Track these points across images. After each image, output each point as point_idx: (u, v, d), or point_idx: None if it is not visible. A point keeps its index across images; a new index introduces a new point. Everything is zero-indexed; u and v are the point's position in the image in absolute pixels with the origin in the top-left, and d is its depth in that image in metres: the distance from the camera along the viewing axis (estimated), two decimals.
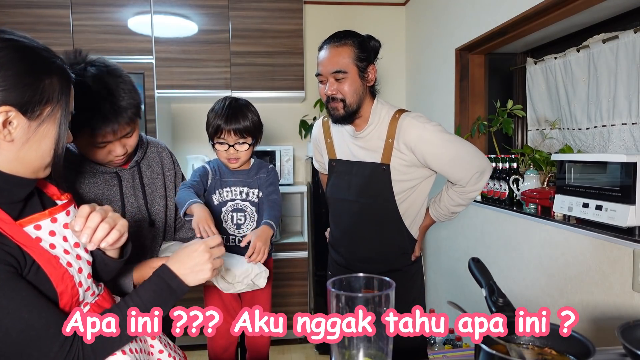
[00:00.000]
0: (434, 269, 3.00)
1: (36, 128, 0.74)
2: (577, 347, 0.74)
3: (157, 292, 0.86)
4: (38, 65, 0.74)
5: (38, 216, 0.77)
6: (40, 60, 0.74)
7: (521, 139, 2.51)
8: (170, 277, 0.88)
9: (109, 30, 2.73)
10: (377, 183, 1.45)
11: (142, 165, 1.32)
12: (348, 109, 1.41)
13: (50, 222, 0.78)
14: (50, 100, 0.75)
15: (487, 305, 0.85)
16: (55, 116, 0.76)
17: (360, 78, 1.40)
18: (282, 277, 2.92)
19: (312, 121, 3.17)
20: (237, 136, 1.59)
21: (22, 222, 0.75)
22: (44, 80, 0.74)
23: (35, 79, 0.73)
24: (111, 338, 0.80)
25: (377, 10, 3.37)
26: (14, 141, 0.73)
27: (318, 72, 1.42)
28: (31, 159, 0.76)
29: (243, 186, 1.70)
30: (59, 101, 0.76)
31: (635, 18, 1.75)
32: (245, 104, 1.66)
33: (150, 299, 0.84)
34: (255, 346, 1.87)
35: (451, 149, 1.41)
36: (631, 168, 1.32)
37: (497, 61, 2.55)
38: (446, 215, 1.56)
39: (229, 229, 1.70)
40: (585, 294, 1.57)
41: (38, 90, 0.73)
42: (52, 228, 0.78)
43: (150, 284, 0.87)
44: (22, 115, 0.72)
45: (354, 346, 0.65)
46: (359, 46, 1.40)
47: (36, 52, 0.75)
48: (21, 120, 0.72)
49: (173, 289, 0.87)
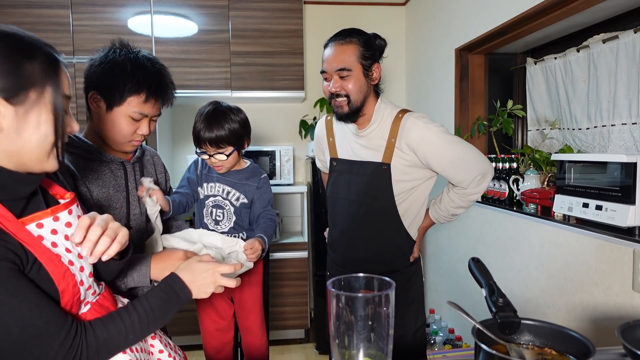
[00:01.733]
0: (434, 269, 3.00)
1: (25, 115, 0.73)
2: (577, 347, 0.74)
3: (164, 299, 0.89)
4: (16, 51, 0.73)
5: (40, 214, 0.77)
6: (19, 45, 0.74)
7: (521, 139, 2.51)
8: (180, 287, 0.93)
9: (109, 30, 2.73)
10: (377, 183, 1.45)
11: (141, 164, 1.37)
12: (352, 106, 1.41)
13: (52, 220, 0.78)
14: (34, 85, 0.74)
15: (487, 305, 0.85)
16: (44, 101, 0.75)
17: (364, 76, 1.41)
18: (282, 277, 2.92)
19: (312, 121, 3.17)
20: (214, 147, 1.59)
21: (24, 220, 0.75)
22: (24, 65, 0.73)
23: (14, 65, 0.72)
24: (117, 339, 0.80)
25: (377, 10, 3.37)
26: (4, 131, 0.72)
27: (323, 70, 1.42)
28: (31, 149, 0.75)
29: (226, 185, 1.71)
30: (45, 85, 0.75)
31: (635, 18, 1.75)
32: (225, 111, 1.63)
33: (157, 304, 0.88)
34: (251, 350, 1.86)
35: (453, 150, 1.41)
36: (631, 168, 1.32)
37: (497, 61, 2.55)
38: (446, 217, 1.56)
39: (209, 224, 1.72)
40: (585, 294, 1.57)
41: (18, 75, 0.72)
42: (54, 226, 0.78)
43: (159, 291, 0.90)
44: (5, 102, 0.71)
45: (354, 346, 0.65)
46: (364, 44, 1.40)
47: (14, 38, 0.74)
48: (6, 108, 0.71)
49: (181, 298, 0.92)
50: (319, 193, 2.87)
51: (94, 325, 0.80)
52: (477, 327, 0.78)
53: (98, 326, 0.80)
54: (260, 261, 1.84)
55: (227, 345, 1.84)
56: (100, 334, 0.79)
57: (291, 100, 3.17)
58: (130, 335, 0.83)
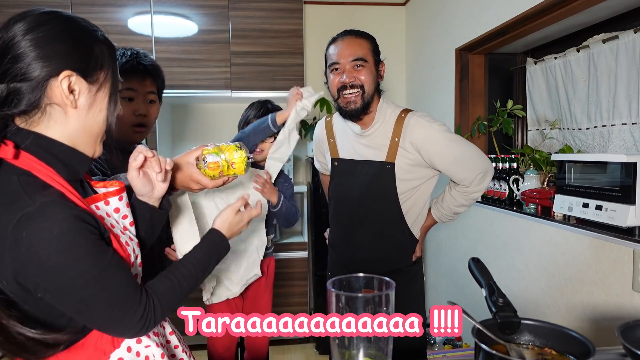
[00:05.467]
0: (434, 269, 3.00)
1: (95, 93, 0.77)
2: (577, 347, 0.74)
3: (207, 253, 0.95)
4: (86, 33, 0.77)
5: (94, 197, 0.80)
6: (86, 29, 0.78)
7: (521, 139, 2.51)
8: (222, 240, 1.00)
9: (109, 30, 2.73)
10: (381, 182, 1.45)
11: None
12: (365, 98, 1.41)
13: (104, 204, 0.81)
14: (103, 66, 0.78)
15: (487, 305, 0.85)
16: (108, 82, 0.79)
17: (375, 70, 1.44)
18: (282, 277, 2.92)
19: (312, 121, 3.16)
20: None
21: (87, 200, 0.78)
22: (94, 47, 0.77)
23: (87, 46, 0.76)
24: (173, 292, 0.84)
25: (377, 10, 3.37)
26: (78, 108, 0.75)
27: (334, 61, 1.41)
28: (94, 127, 0.78)
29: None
30: (110, 67, 0.79)
31: (635, 18, 1.75)
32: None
33: (202, 258, 0.93)
34: (255, 346, 1.87)
35: (456, 148, 1.42)
36: (631, 168, 1.32)
37: (497, 61, 2.55)
38: (448, 215, 1.56)
39: None
40: (585, 294, 1.57)
41: (92, 56, 0.76)
42: (107, 210, 0.81)
43: (202, 246, 0.96)
44: (82, 79, 0.75)
45: (354, 346, 0.65)
46: (373, 42, 1.46)
47: (80, 22, 0.78)
48: (82, 85, 0.75)
49: (220, 251, 0.99)
50: (319, 193, 2.87)
51: (150, 285, 0.83)
52: (477, 327, 0.78)
53: (154, 284, 0.83)
54: (272, 259, 1.86)
55: (234, 343, 1.85)
56: (159, 288, 0.82)
57: None
58: (185, 284, 0.86)
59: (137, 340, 0.82)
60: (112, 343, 0.79)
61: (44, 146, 0.73)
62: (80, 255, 0.68)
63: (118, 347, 0.79)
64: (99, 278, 0.70)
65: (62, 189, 0.71)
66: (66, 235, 0.67)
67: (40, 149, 0.73)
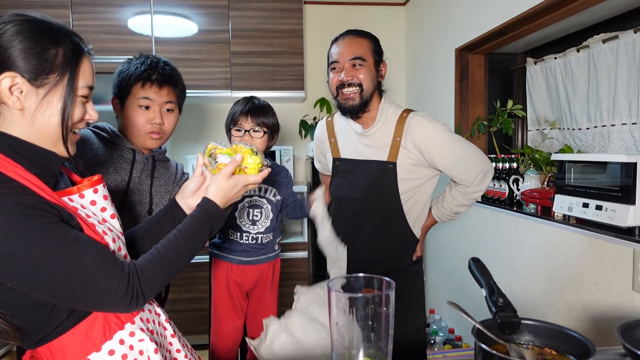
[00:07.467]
0: (434, 269, 3.00)
1: (44, 97, 0.77)
2: (577, 347, 0.74)
3: (198, 222, 0.93)
4: (44, 36, 0.78)
5: (67, 190, 0.82)
6: (47, 31, 0.79)
7: (521, 139, 2.51)
8: (214, 208, 0.96)
9: (109, 30, 2.73)
10: (382, 181, 1.46)
11: (157, 164, 1.41)
12: (364, 96, 1.42)
13: (78, 197, 0.83)
14: (55, 70, 0.78)
15: (487, 305, 0.85)
16: (61, 86, 0.79)
17: (375, 69, 1.44)
18: (282, 277, 2.89)
19: (312, 121, 3.16)
20: (254, 121, 1.61)
21: (59, 193, 0.80)
22: (49, 50, 0.77)
23: (40, 49, 0.76)
24: (160, 262, 0.84)
25: (377, 10, 3.37)
26: (24, 110, 0.76)
27: (333, 60, 1.44)
28: (48, 130, 0.79)
29: (262, 183, 1.70)
30: (64, 71, 0.79)
31: (635, 18, 1.75)
32: (267, 104, 1.71)
33: (192, 228, 0.92)
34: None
35: (457, 148, 1.42)
36: (631, 168, 1.32)
37: (497, 61, 2.55)
38: (449, 215, 1.56)
39: (244, 225, 1.69)
40: (585, 294, 1.57)
41: (43, 59, 0.77)
42: (82, 202, 0.83)
43: (194, 215, 0.94)
44: (28, 82, 0.76)
45: (354, 346, 0.65)
46: (375, 42, 1.47)
47: (42, 23, 0.79)
48: (28, 88, 0.76)
49: (215, 219, 0.96)
50: None
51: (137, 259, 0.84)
52: (477, 327, 0.78)
53: (140, 257, 0.84)
54: (279, 260, 1.88)
55: (238, 343, 1.85)
56: (144, 258, 0.83)
57: (291, 100, 3.16)
58: (172, 255, 0.86)
59: (130, 333, 0.83)
60: (103, 334, 0.80)
61: (7, 144, 0.76)
62: (34, 239, 0.70)
63: (110, 339, 0.81)
64: (64, 255, 0.72)
65: (27, 183, 0.74)
66: (14, 222, 0.69)
67: (4, 146, 0.76)
